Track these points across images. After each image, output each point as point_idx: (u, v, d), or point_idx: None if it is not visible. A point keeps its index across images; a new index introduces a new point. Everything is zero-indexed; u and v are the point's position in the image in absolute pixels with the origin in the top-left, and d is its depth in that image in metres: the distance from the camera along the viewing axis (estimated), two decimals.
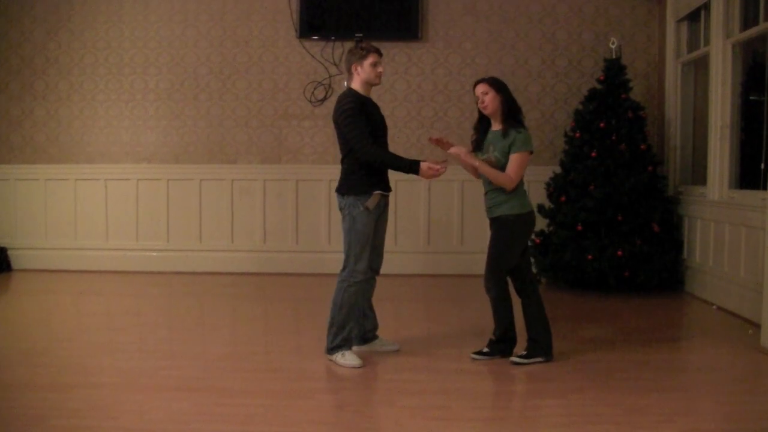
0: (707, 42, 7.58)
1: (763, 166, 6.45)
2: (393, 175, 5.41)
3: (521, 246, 5.35)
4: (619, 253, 7.58)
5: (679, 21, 8.39)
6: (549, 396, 4.67)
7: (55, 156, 9.22)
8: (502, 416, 4.28)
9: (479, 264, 8.89)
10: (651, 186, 7.84)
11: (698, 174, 8.12)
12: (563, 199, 7.92)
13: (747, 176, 7.12)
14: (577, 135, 8.03)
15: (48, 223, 9.23)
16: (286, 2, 8.92)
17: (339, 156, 5.41)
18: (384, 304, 6.43)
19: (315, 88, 9.01)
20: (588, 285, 7.84)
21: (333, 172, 6.26)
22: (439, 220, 9.02)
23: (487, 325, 6.64)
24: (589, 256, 7.64)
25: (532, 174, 8.83)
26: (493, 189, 5.29)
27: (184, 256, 9.14)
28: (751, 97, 7.22)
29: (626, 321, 6.81)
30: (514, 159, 5.21)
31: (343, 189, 5.30)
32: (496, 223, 5.33)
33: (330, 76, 8.93)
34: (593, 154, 7.84)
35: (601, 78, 8.10)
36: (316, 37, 8.91)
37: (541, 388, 4.88)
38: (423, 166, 5.22)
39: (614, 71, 8.05)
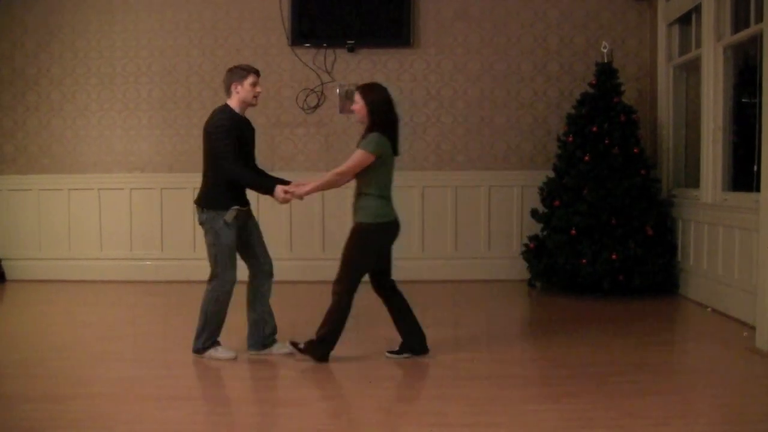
0: (699, 45, 7.60)
1: (755, 168, 6.45)
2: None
3: (376, 253, 5.37)
4: (614, 256, 7.59)
5: (671, 24, 8.42)
6: (545, 401, 4.67)
7: (49, 166, 9.20)
8: (499, 422, 4.27)
9: (474, 270, 9.01)
10: (644, 189, 7.85)
11: (691, 177, 8.14)
12: (557, 203, 7.93)
13: (740, 178, 7.14)
14: (570, 139, 8.04)
15: (42, 233, 9.21)
16: (278, 10, 8.92)
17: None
18: (381, 310, 6.41)
19: (307, 96, 9.01)
20: (582, 289, 7.84)
21: None
22: (433, 227, 9.02)
23: (482, 329, 6.66)
24: (584, 261, 7.65)
25: (526, 178, 8.89)
26: (355, 194, 5.37)
27: (179, 264, 9.10)
28: (743, 100, 7.25)
29: (621, 324, 6.81)
30: (353, 155, 5.28)
31: (203, 203, 5.49)
32: (354, 227, 5.35)
33: (322, 83, 8.93)
34: (586, 158, 7.85)
35: (593, 82, 8.10)
36: (308, 45, 8.90)
37: (536, 393, 4.89)
38: (278, 190, 5.40)
39: (606, 75, 8.06)
